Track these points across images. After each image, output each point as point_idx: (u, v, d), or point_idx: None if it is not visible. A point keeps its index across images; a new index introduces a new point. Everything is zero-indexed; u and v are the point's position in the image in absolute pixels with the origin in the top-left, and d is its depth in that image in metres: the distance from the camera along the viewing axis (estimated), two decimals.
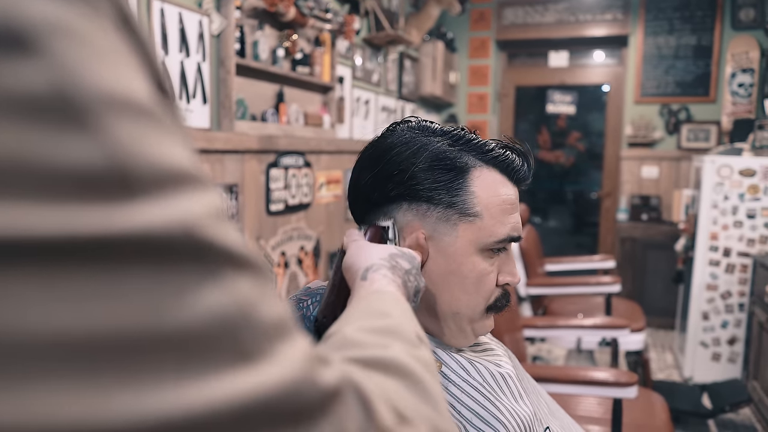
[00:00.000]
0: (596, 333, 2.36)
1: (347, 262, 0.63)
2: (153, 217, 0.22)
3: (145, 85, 0.24)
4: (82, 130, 0.21)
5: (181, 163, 0.24)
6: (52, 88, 0.20)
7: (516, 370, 0.80)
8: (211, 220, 0.24)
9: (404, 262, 0.62)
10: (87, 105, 0.21)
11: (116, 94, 0.22)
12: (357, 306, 0.52)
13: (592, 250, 5.01)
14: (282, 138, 2.46)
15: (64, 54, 0.21)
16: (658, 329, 4.10)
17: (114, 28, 0.24)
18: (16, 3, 0.20)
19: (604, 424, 1.76)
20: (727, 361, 3.13)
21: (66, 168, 0.20)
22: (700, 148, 4.27)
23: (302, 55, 2.67)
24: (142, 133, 0.23)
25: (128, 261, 0.21)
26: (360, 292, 0.56)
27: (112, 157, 0.21)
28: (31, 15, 0.20)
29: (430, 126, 0.75)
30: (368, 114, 3.56)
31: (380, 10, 3.42)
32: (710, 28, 4.25)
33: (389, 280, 0.57)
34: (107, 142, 0.21)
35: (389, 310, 0.49)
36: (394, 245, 0.70)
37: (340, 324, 0.45)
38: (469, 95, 4.86)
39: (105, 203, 0.21)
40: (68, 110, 0.21)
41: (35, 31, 0.20)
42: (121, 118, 0.22)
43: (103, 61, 0.22)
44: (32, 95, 0.20)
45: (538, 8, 4.66)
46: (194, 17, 2.03)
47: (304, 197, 2.67)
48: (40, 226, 0.20)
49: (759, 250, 3.02)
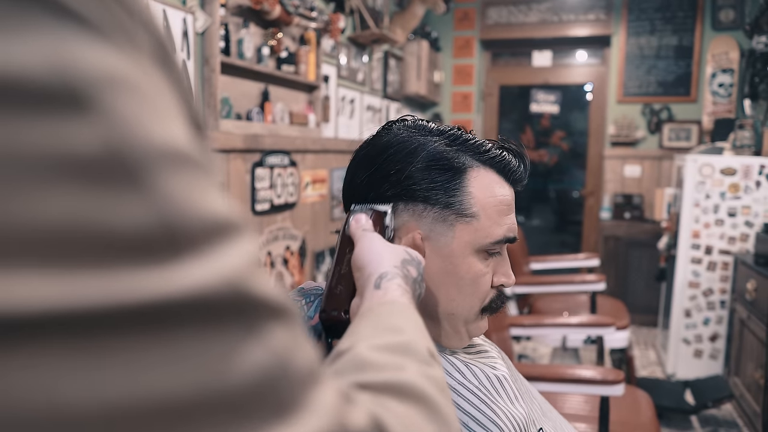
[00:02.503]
0: (582, 331, 2.37)
1: (359, 260, 0.61)
2: (200, 276, 0.22)
3: (185, 129, 0.24)
4: (135, 190, 0.20)
5: (222, 212, 0.24)
6: (105, 148, 0.20)
7: (509, 371, 0.80)
8: (251, 272, 0.24)
9: (413, 269, 0.61)
10: (139, 163, 0.21)
11: (165, 146, 0.22)
12: (369, 318, 0.51)
13: (576, 248, 5.05)
14: (267, 137, 2.44)
15: (116, 108, 0.21)
16: (641, 327, 4.14)
17: (155, 66, 0.24)
18: (70, 56, 0.20)
19: (591, 421, 1.77)
20: (709, 358, 3.17)
21: (118, 231, 0.20)
22: (681, 147, 4.33)
23: (287, 54, 2.65)
24: (188, 184, 0.22)
25: (177, 325, 0.21)
26: (372, 301, 0.55)
27: (163, 216, 0.21)
28: (84, 68, 0.20)
29: (427, 125, 0.74)
30: (353, 113, 3.55)
31: (365, 8, 3.41)
32: (691, 29, 4.30)
33: (402, 291, 0.56)
34: (158, 201, 0.21)
35: (402, 325, 0.48)
36: (391, 230, 0.70)
37: (353, 339, 0.45)
38: (454, 94, 4.87)
39: (154, 265, 0.21)
40: (121, 171, 0.20)
41: (89, 87, 0.20)
42: (169, 172, 0.22)
43: (151, 111, 0.22)
44: (86, 157, 0.20)
45: (521, 8, 4.68)
46: (178, 15, 2.00)
47: (289, 197, 2.66)
48: (90, 297, 0.19)
49: (740, 247, 3.06)
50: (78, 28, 0.20)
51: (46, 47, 0.19)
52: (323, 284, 0.74)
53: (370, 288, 0.57)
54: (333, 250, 3.10)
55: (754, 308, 2.59)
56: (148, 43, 0.24)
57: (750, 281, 2.66)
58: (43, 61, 0.19)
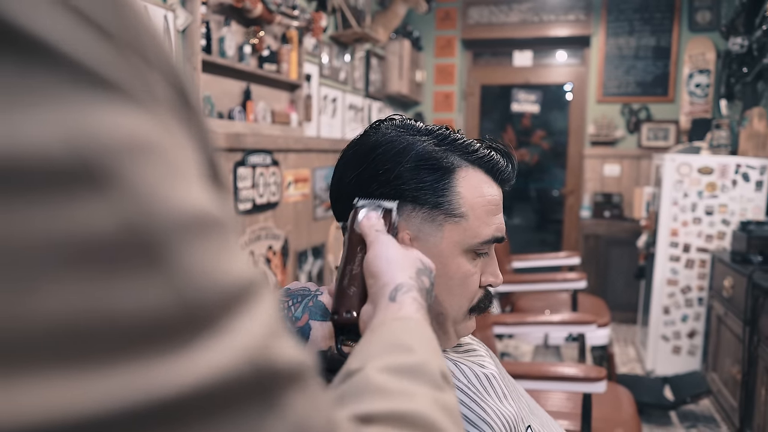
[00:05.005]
0: (563, 329, 2.40)
1: (373, 266, 0.60)
2: (220, 359, 0.21)
3: (204, 187, 0.23)
4: (153, 271, 0.19)
5: (241, 275, 0.23)
6: (123, 227, 0.19)
7: (497, 369, 0.80)
8: (271, 339, 0.23)
9: (426, 279, 0.60)
10: (158, 240, 0.19)
11: (184, 214, 0.21)
12: (381, 333, 0.50)
13: (556, 246, 5.09)
14: (249, 136, 2.42)
15: (135, 178, 0.19)
16: (620, 324, 4.19)
17: (175, 117, 0.23)
18: (86, 126, 0.18)
19: (574, 418, 1.79)
20: (687, 354, 3.22)
21: (135, 319, 0.19)
22: (659, 146, 4.39)
23: (269, 52, 2.64)
24: (207, 252, 0.21)
25: (197, 417, 0.20)
26: (386, 314, 0.54)
27: (182, 295, 0.20)
28: (102, 138, 0.19)
29: (415, 125, 0.74)
30: (336, 112, 3.54)
31: (347, 7, 3.40)
32: (668, 30, 4.37)
33: (418, 305, 0.55)
34: (177, 279, 0.20)
35: (415, 344, 0.47)
36: (395, 227, 0.69)
37: (363, 358, 0.44)
38: (435, 94, 4.88)
39: (172, 352, 0.19)
40: (139, 251, 0.19)
41: (107, 159, 0.19)
42: (188, 243, 0.21)
43: (171, 174, 0.21)
44: (102, 239, 0.18)
45: (502, 8, 4.71)
46: (158, 12, 1.97)
47: (271, 196, 2.64)
48: (101, 400, 0.18)
49: (717, 245, 3.11)
50: (94, 91, 0.19)
51: (60, 119, 0.18)
52: (310, 285, 0.74)
53: (384, 299, 0.56)
54: (316, 250, 3.09)
55: (731, 305, 2.64)
56: (168, 90, 0.23)
57: (727, 278, 2.71)
58: (56, 135, 0.18)
